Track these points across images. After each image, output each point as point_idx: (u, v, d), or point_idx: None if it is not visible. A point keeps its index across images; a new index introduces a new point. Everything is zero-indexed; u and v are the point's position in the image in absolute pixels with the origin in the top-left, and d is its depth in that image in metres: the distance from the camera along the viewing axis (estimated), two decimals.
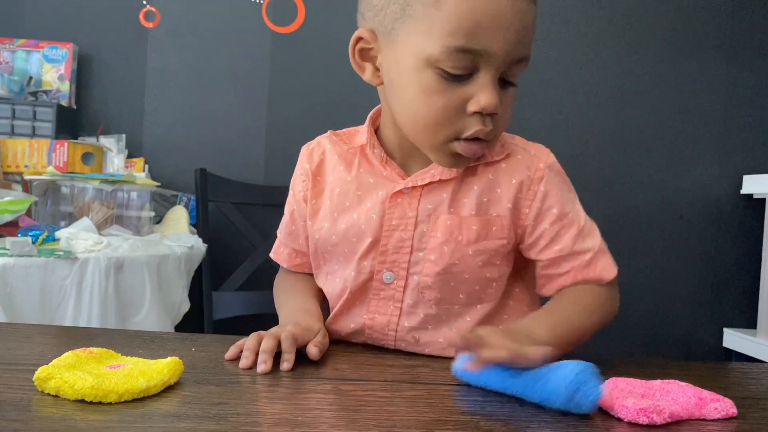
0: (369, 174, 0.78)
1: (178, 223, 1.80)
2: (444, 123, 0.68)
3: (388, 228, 0.75)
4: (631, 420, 0.52)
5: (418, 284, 0.75)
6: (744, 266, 2.04)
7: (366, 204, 0.76)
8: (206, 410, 0.50)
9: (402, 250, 0.75)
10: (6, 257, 1.22)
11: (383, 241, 0.75)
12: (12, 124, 1.83)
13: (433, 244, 0.74)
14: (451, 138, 0.69)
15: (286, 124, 2.04)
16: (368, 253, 0.76)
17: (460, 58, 0.65)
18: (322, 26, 2.04)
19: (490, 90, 0.65)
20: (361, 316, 0.78)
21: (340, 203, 0.78)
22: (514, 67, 0.67)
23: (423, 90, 0.67)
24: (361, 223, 0.76)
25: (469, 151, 0.69)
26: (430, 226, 0.74)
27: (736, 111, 2.06)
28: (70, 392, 0.50)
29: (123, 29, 2.03)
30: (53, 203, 1.60)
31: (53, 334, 0.78)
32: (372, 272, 0.76)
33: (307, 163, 0.83)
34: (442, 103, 0.67)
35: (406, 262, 0.75)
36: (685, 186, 2.04)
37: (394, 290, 0.76)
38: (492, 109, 0.66)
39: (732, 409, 0.55)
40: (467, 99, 0.66)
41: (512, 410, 0.54)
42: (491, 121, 0.67)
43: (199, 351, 0.69)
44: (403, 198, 0.75)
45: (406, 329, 0.77)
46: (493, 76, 0.66)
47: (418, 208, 0.74)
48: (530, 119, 2.02)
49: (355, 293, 0.78)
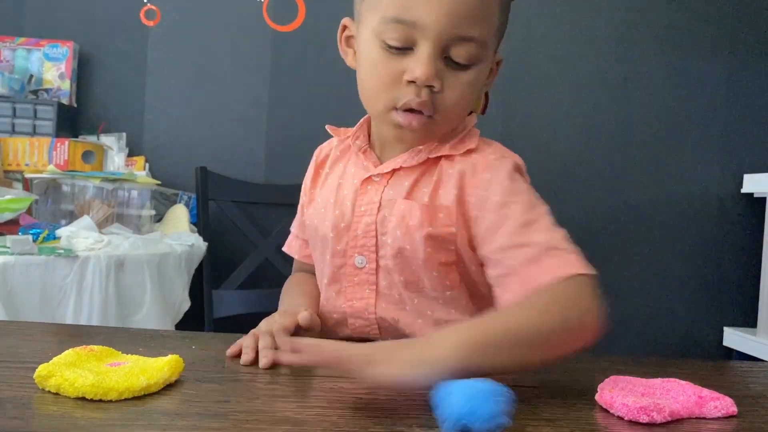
0: (353, 164, 0.82)
1: (178, 222, 1.80)
2: (382, 92, 0.72)
3: (358, 214, 0.77)
4: (631, 418, 0.52)
5: (386, 267, 0.77)
6: (744, 265, 2.04)
7: (344, 191, 0.80)
8: (207, 408, 0.50)
9: (369, 234, 0.77)
10: (7, 255, 1.23)
11: (353, 227, 0.77)
12: (12, 123, 1.83)
13: (389, 227, 0.75)
14: (389, 107, 0.72)
15: (286, 122, 2.04)
16: (341, 238, 0.78)
17: (395, 29, 0.69)
18: (323, 25, 2.03)
19: (424, 61, 0.68)
20: (341, 306, 0.80)
21: (327, 191, 0.82)
22: (459, 47, 0.69)
23: (369, 61, 0.73)
24: (336, 209, 0.79)
25: (405, 121, 0.72)
26: (389, 211, 0.76)
27: (737, 110, 2.05)
28: (70, 390, 0.50)
29: (123, 28, 2.03)
30: (54, 202, 1.60)
31: (54, 332, 0.78)
32: (345, 257, 0.78)
33: (315, 159, 0.90)
34: (381, 73, 0.71)
35: (373, 246, 0.77)
36: (686, 185, 2.04)
37: (367, 274, 0.78)
38: (425, 79, 0.68)
39: (732, 408, 0.55)
40: (404, 71, 0.70)
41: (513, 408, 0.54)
42: (428, 93, 0.70)
43: (199, 349, 0.69)
44: (372, 185, 0.78)
45: (384, 310, 0.77)
46: (430, 50, 0.68)
47: (383, 194, 0.77)
48: (530, 119, 2.02)
49: (333, 281, 0.80)
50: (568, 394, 0.59)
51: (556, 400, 0.57)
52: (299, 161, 2.04)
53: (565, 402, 0.57)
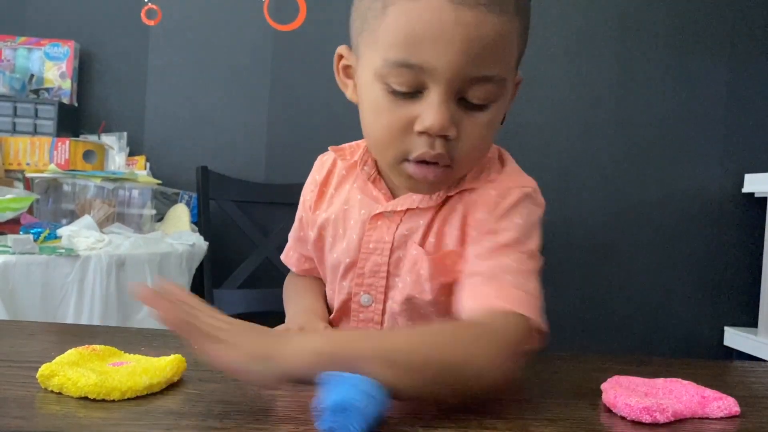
0: (359, 189, 0.75)
1: (179, 221, 1.80)
2: (391, 142, 0.63)
3: (366, 251, 0.73)
4: (634, 418, 0.52)
5: (392, 309, 0.73)
6: (745, 265, 2.04)
7: (350, 221, 0.75)
8: (209, 408, 0.50)
9: (378, 274, 0.73)
10: (8, 255, 1.22)
11: (360, 264, 0.73)
12: (13, 122, 1.83)
13: (402, 271, 0.72)
14: (400, 159, 0.64)
15: (287, 122, 2.04)
16: (346, 275, 0.75)
17: (402, 73, 0.60)
18: (324, 24, 2.03)
19: (436, 109, 0.59)
20: None
21: (333, 218, 0.77)
22: (475, 88, 0.60)
23: (372, 106, 0.64)
24: (343, 242, 0.75)
25: (419, 174, 0.63)
26: (403, 253, 0.71)
27: (738, 110, 2.05)
28: (73, 389, 0.50)
29: (124, 27, 2.03)
30: (55, 201, 1.60)
31: (56, 332, 0.78)
32: (350, 294, 0.75)
33: (317, 174, 0.82)
34: (388, 121, 0.62)
35: (383, 286, 0.73)
36: (687, 185, 2.04)
37: (373, 313, 0.75)
38: (438, 130, 0.60)
39: (735, 408, 0.55)
40: (414, 118, 0.61)
41: (515, 408, 0.54)
42: (442, 144, 0.61)
43: None
44: (383, 221, 0.72)
45: None
46: (442, 94, 0.59)
47: (396, 233, 0.71)
48: (531, 119, 2.01)
49: (340, 312, 0.79)
50: (571, 394, 0.59)
51: (559, 400, 0.57)
52: (300, 161, 2.04)
53: (568, 402, 0.57)
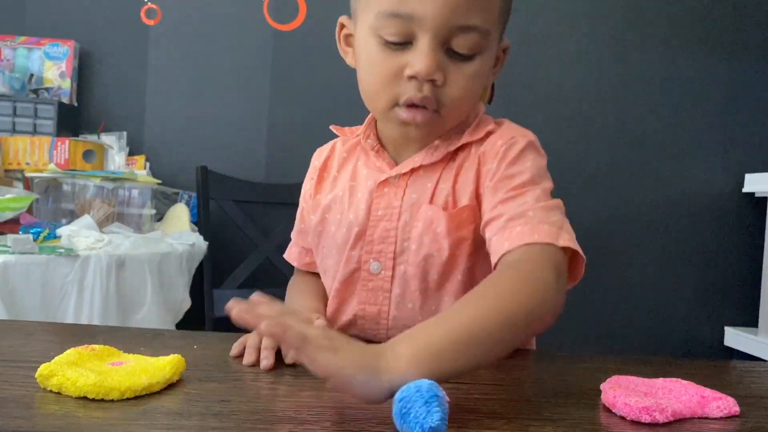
0: (364, 165, 0.79)
1: (179, 221, 1.80)
2: (383, 88, 0.70)
3: (374, 218, 0.75)
4: (633, 418, 0.52)
5: (404, 274, 0.74)
6: (745, 265, 2.04)
7: (357, 194, 0.77)
8: (209, 407, 0.50)
9: (387, 240, 0.75)
10: (7, 255, 1.23)
11: (369, 231, 0.75)
12: (13, 122, 1.83)
13: (414, 234, 0.73)
14: (391, 104, 0.70)
15: (287, 121, 2.04)
16: (356, 244, 0.76)
17: (392, 24, 0.66)
18: (324, 24, 2.03)
19: (425, 55, 0.66)
20: (352, 308, 0.78)
21: (339, 195, 0.80)
22: (460, 37, 0.67)
23: (368, 60, 0.71)
24: (350, 214, 0.77)
25: (408, 116, 0.69)
26: (412, 216, 0.74)
27: (738, 110, 2.05)
28: (72, 389, 0.50)
29: (124, 27, 2.03)
30: (54, 201, 1.60)
31: (55, 332, 0.78)
32: (359, 262, 0.76)
33: (315, 161, 0.86)
34: (381, 69, 0.69)
35: (392, 252, 0.75)
36: (687, 185, 2.04)
37: (382, 280, 0.75)
38: (426, 74, 0.66)
39: (735, 408, 0.55)
40: (405, 65, 0.67)
41: (514, 408, 0.54)
42: (430, 88, 0.67)
43: (201, 348, 0.69)
44: (389, 188, 0.75)
45: (396, 318, 0.76)
46: (430, 42, 0.66)
47: (403, 197, 0.74)
48: (531, 119, 2.01)
49: (346, 285, 0.78)
50: (571, 394, 0.59)
51: (559, 400, 0.57)
52: (300, 160, 2.04)
53: (568, 402, 0.57)
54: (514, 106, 2.00)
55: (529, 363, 0.73)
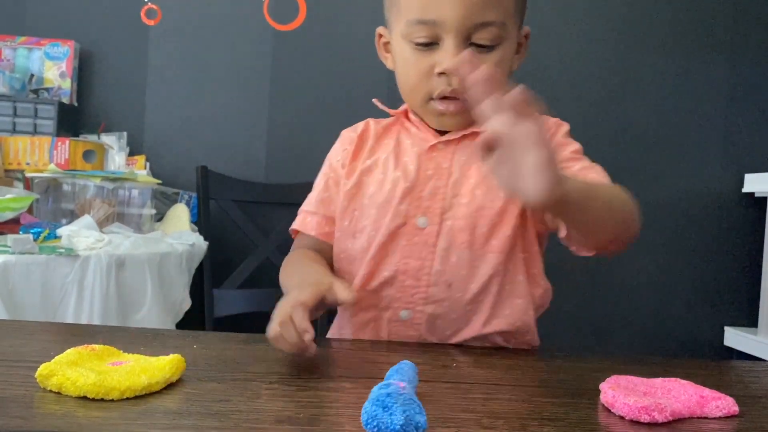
0: (406, 137, 0.86)
1: (179, 221, 1.81)
2: (418, 85, 0.80)
3: (424, 177, 0.81)
4: (632, 418, 0.52)
5: (452, 228, 0.79)
6: (745, 265, 2.04)
7: (403, 158, 0.84)
8: (208, 407, 0.50)
9: (436, 196, 0.80)
10: (7, 255, 1.23)
11: (419, 188, 0.81)
12: (13, 122, 1.83)
13: (466, 188, 0.80)
14: (426, 98, 0.80)
15: (287, 121, 2.04)
16: (404, 199, 0.81)
17: (420, 29, 0.77)
18: (324, 24, 2.03)
19: (450, 53, 0.76)
20: (393, 264, 0.81)
21: (378, 160, 0.85)
22: (480, 32, 0.77)
23: (403, 62, 0.81)
24: (397, 172, 0.82)
25: (443, 107, 0.80)
26: (462, 174, 0.81)
27: (738, 109, 2.05)
28: (72, 389, 0.50)
29: (124, 27, 2.03)
30: (54, 201, 1.60)
31: (55, 331, 0.78)
32: (407, 217, 0.81)
33: (351, 133, 0.91)
34: (415, 69, 0.80)
35: (439, 208, 0.80)
36: (687, 185, 2.04)
37: (427, 235, 0.80)
38: (452, 69, 0.75)
39: (733, 408, 0.55)
40: (434, 64, 0.78)
41: (514, 408, 0.54)
42: (459, 81, 0.74)
43: (200, 348, 0.69)
44: (438, 152, 0.83)
45: (439, 273, 0.79)
46: (453, 41, 0.76)
47: (452, 159, 0.82)
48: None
49: (389, 241, 0.81)
50: (570, 394, 0.59)
51: (558, 400, 0.57)
52: (300, 160, 2.05)
53: (567, 401, 0.57)
54: None
55: (528, 363, 0.73)
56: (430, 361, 0.71)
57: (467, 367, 0.69)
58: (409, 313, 0.81)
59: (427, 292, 0.80)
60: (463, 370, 0.68)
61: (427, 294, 0.80)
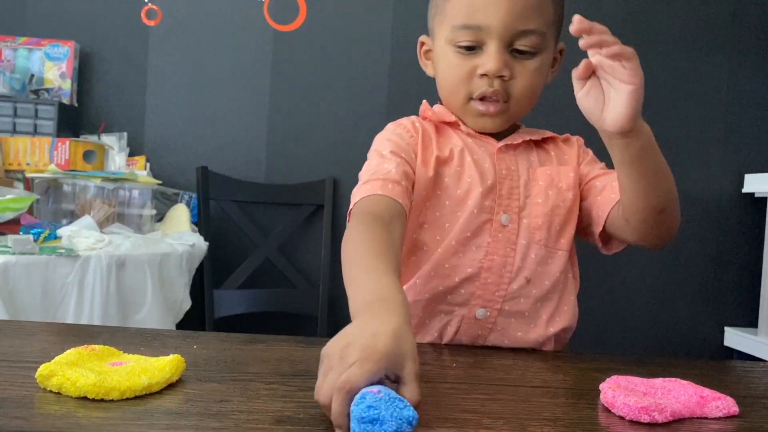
0: (466, 137, 0.87)
1: (179, 221, 1.81)
2: (460, 85, 0.83)
3: (500, 176, 0.84)
4: (632, 418, 0.52)
5: (529, 226, 0.83)
6: (745, 265, 2.04)
7: (474, 155, 0.85)
8: (208, 408, 0.50)
9: (513, 196, 0.84)
10: (8, 255, 1.23)
11: (498, 186, 0.83)
12: (14, 122, 1.83)
13: (537, 190, 0.84)
14: (467, 98, 0.83)
15: (287, 122, 2.05)
16: (487, 196, 0.83)
17: (465, 33, 0.81)
18: (324, 24, 2.04)
19: (493, 56, 0.80)
20: (477, 260, 0.82)
21: (453, 152, 0.85)
22: (521, 39, 0.81)
23: (446, 65, 0.85)
24: (474, 168, 0.84)
25: (483, 108, 0.83)
26: (530, 176, 0.85)
27: (738, 110, 2.05)
28: (72, 389, 0.50)
29: (124, 27, 2.03)
30: (55, 201, 1.60)
31: (55, 332, 0.78)
32: (492, 213, 0.83)
33: (413, 122, 0.88)
34: (457, 71, 0.83)
35: (517, 207, 0.84)
36: (687, 185, 2.04)
37: (509, 232, 0.83)
38: (495, 71, 0.80)
39: (733, 408, 0.55)
40: (477, 66, 0.81)
41: (514, 408, 0.54)
42: (499, 83, 0.81)
43: (200, 348, 0.69)
44: (503, 155, 0.86)
45: (520, 269, 0.82)
46: (497, 46, 0.80)
47: (517, 162, 0.86)
48: (530, 120, 2.01)
49: (472, 236, 0.82)
50: (570, 394, 0.59)
51: (558, 400, 0.57)
52: (300, 161, 2.05)
53: (567, 402, 0.57)
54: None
55: (528, 363, 0.73)
56: (430, 361, 0.71)
57: (467, 367, 0.69)
58: (485, 312, 0.82)
59: (507, 290, 0.82)
60: (463, 371, 0.68)
61: (507, 291, 0.82)
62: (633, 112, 0.66)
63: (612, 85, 0.67)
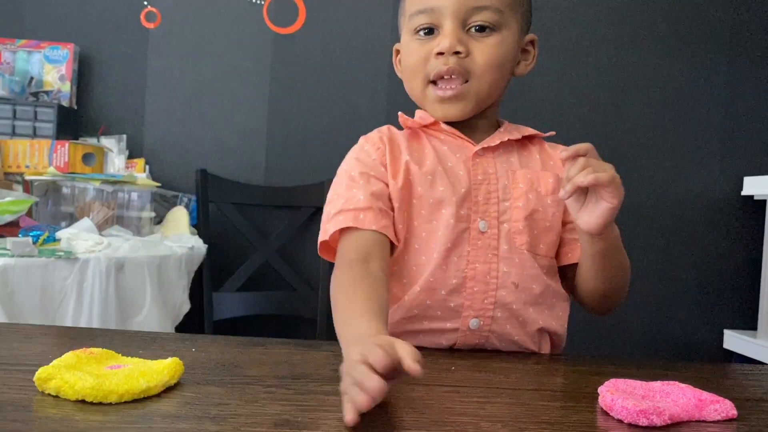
0: (439, 143, 0.86)
1: (178, 224, 1.81)
2: (418, 69, 0.83)
3: (476, 182, 0.83)
4: (630, 421, 0.52)
5: (509, 231, 0.82)
6: (744, 268, 2.04)
7: (448, 163, 0.84)
8: (206, 411, 0.50)
9: (490, 200, 0.82)
10: (7, 257, 1.23)
11: (474, 193, 0.82)
12: (13, 125, 1.83)
13: (517, 193, 0.83)
14: (425, 81, 0.83)
15: (286, 124, 2.05)
16: (462, 204, 0.81)
17: (420, 18, 0.82)
18: (323, 27, 2.04)
19: (447, 34, 0.80)
20: (460, 270, 0.80)
21: (422, 164, 0.84)
22: (475, 15, 0.81)
23: (408, 54, 0.85)
24: (449, 177, 0.82)
25: (440, 91, 0.82)
26: (510, 179, 0.83)
27: (737, 112, 2.06)
28: (70, 393, 0.50)
29: (124, 30, 2.04)
30: (54, 204, 1.60)
31: (54, 335, 0.78)
32: (468, 221, 0.81)
33: (381, 134, 0.87)
34: (416, 56, 0.83)
35: (496, 212, 0.82)
36: (686, 187, 2.04)
37: (489, 238, 0.81)
38: (449, 47, 0.80)
39: (732, 411, 0.55)
40: (433, 48, 0.82)
41: (513, 411, 0.54)
42: (455, 60, 0.80)
43: (199, 352, 0.69)
44: (479, 159, 0.84)
45: (506, 275, 0.81)
46: (451, 24, 0.80)
47: (496, 165, 0.84)
48: (529, 120, 2.01)
49: (453, 246, 0.80)
50: (569, 397, 0.59)
51: (557, 403, 0.57)
52: (299, 163, 2.05)
53: (566, 405, 0.57)
54: (513, 108, 2.00)
55: (526, 366, 0.73)
56: (428, 364, 0.71)
57: (466, 370, 0.69)
58: (478, 322, 0.80)
59: (496, 296, 0.80)
60: (461, 374, 0.68)
61: (496, 297, 0.80)
62: (605, 223, 0.71)
63: (595, 192, 0.71)
